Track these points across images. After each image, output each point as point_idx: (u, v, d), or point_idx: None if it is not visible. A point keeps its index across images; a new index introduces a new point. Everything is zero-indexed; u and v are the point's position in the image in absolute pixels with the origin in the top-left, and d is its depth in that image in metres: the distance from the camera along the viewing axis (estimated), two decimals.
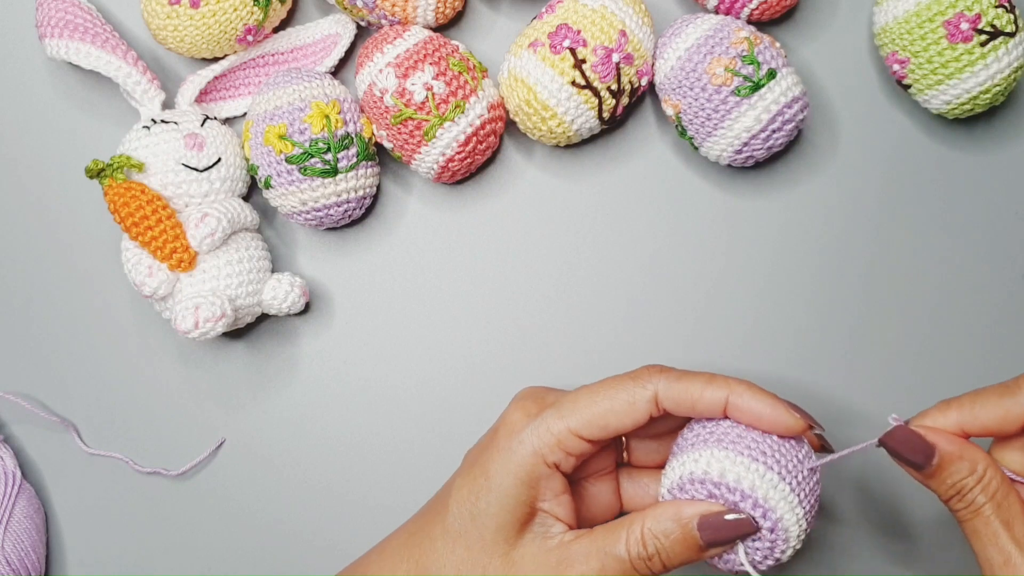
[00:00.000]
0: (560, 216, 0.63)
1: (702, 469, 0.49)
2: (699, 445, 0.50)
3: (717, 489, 0.49)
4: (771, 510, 0.48)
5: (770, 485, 0.48)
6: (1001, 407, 0.49)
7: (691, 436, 0.51)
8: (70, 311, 0.64)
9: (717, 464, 0.49)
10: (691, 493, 0.49)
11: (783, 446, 0.50)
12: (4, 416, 0.64)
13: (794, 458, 0.50)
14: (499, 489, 0.50)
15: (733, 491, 0.48)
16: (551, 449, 0.50)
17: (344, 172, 0.60)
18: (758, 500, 0.48)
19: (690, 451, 0.50)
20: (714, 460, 0.49)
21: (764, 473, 0.48)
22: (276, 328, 0.64)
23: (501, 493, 0.50)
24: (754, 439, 0.49)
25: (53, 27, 0.60)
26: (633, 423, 0.50)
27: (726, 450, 0.49)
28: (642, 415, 0.50)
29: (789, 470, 0.49)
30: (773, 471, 0.49)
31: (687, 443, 0.51)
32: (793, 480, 0.49)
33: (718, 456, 0.49)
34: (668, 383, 0.50)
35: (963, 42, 0.57)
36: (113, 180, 0.59)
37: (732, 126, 0.58)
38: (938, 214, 0.62)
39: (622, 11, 0.59)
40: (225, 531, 0.63)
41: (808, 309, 0.62)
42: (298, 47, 0.63)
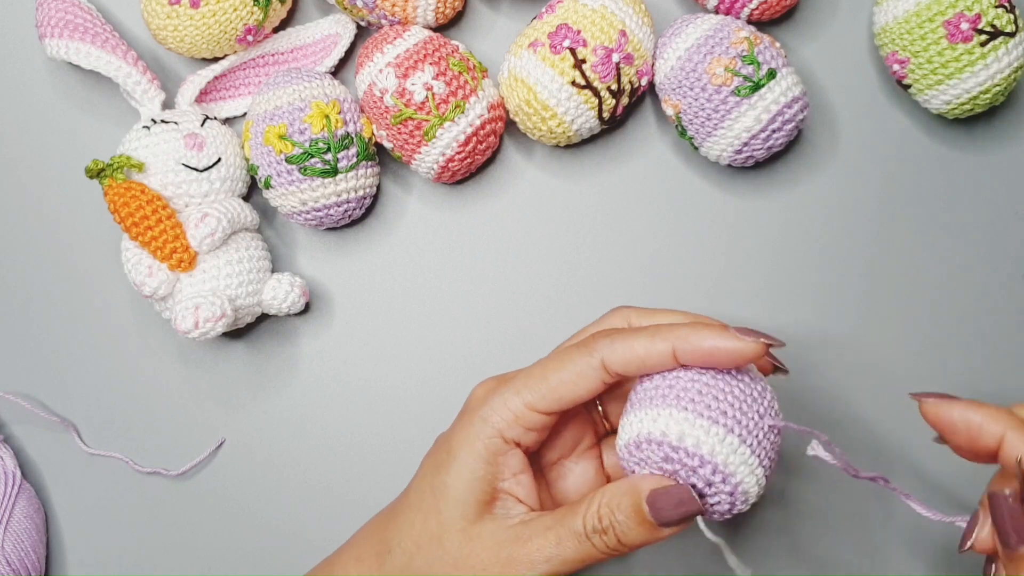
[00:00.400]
0: (560, 216, 0.63)
1: (660, 430, 0.47)
2: (657, 401, 0.48)
3: (675, 453, 0.47)
4: (731, 475, 0.47)
5: (730, 450, 0.47)
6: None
7: (649, 388, 0.49)
8: (70, 311, 0.64)
9: (676, 427, 0.47)
10: (647, 454, 0.48)
11: (744, 402, 0.48)
12: (4, 416, 0.64)
13: (755, 415, 0.48)
14: (459, 463, 0.50)
15: (691, 456, 0.47)
16: (508, 425, 0.50)
17: (344, 172, 0.60)
18: (717, 465, 0.47)
19: (647, 407, 0.48)
20: (672, 422, 0.47)
21: (724, 437, 0.47)
22: (276, 328, 0.64)
23: (461, 466, 0.50)
24: (714, 395, 0.48)
25: (53, 27, 0.60)
26: (588, 391, 0.50)
27: (684, 411, 0.47)
28: (594, 382, 0.50)
29: (750, 430, 0.47)
30: (733, 433, 0.47)
31: (644, 396, 0.49)
32: (753, 440, 0.47)
33: (676, 418, 0.47)
34: (613, 346, 0.49)
35: (963, 42, 0.57)
36: (113, 180, 0.59)
37: (732, 126, 0.58)
38: (938, 214, 0.62)
39: (622, 11, 0.59)
40: (225, 531, 0.63)
41: (808, 309, 0.62)
42: (298, 47, 0.63)
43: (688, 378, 0.48)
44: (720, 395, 0.48)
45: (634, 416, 0.49)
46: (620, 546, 0.48)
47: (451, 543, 0.50)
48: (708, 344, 0.48)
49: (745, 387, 0.49)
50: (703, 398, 0.48)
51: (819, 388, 0.62)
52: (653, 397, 0.49)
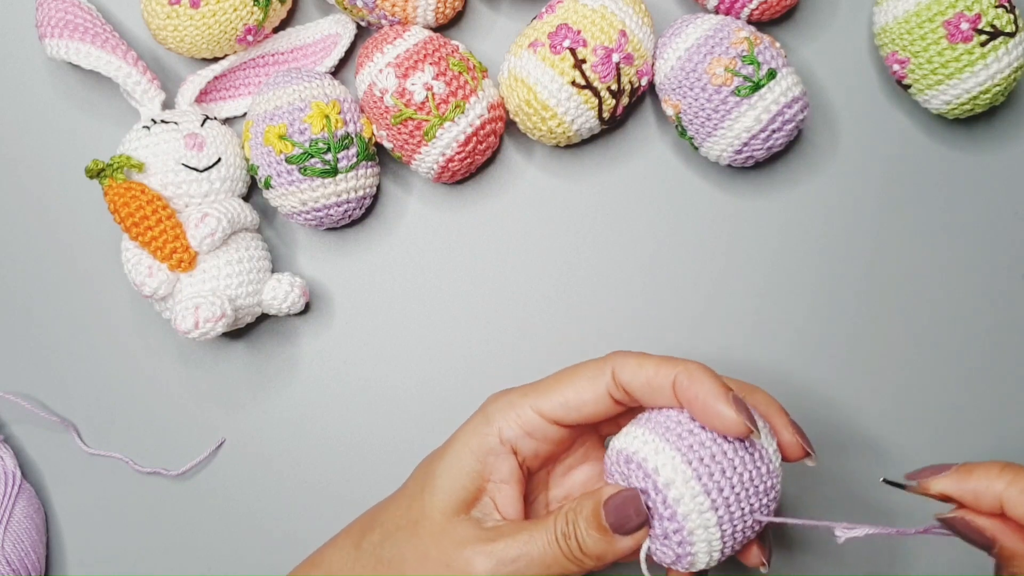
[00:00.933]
0: (560, 216, 0.63)
1: (655, 465, 0.47)
2: (669, 433, 0.48)
3: (655, 493, 0.47)
4: (690, 544, 0.46)
5: (704, 526, 0.46)
6: None
7: (669, 413, 0.49)
8: (70, 311, 0.64)
9: (670, 473, 0.46)
10: (632, 475, 0.48)
11: (747, 488, 0.47)
12: (4, 416, 0.64)
13: (748, 506, 0.47)
14: (452, 454, 0.51)
15: (667, 507, 0.46)
16: (508, 424, 0.50)
17: (344, 172, 0.60)
18: (683, 530, 0.46)
19: (657, 433, 0.48)
20: (671, 467, 0.47)
21: (705, 511, 0.46)
22: (276, 328, 0.64)
23: (452, 457, 0.51)
24: (721, 467, 0.47)
25: (53, 27, 0.60)
26: (594, 402, 0.50)
27: (688, 465, 0.46)
28: (602, 394, 0.49)
29: (733, 519, 0.47)
30: (716, 514, 0.46)
31: (660, 419, 0.49)
32: (731, 528, 0.47)
33: (678, 467, 0.47)
34: (625, 359, 0.49)
35: (963, 42, 0.57)
36: (113, 180, 0.59)
37: (732, 126, 0.58)
38: (938, 214, 0.62)
39: (622, 11, 0.59)
40: (225, 531, 0.63)
41: (808, 309, 0.62)
42: (298, 47, 0.63)
43: (709, 432, 0.48)
44: (729, 470, 0.47)
45: (639, 431, 0.49)
46: (582, 555, 0.48)
47: (425, 532, 0.50)
48: (699, 392, 0.47)
49: (757, 473, 0.48)
50: (713, 462, 0.47)
51: (819, 388, 0.62)
52: (667, 427, 0.48)
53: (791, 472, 0.61)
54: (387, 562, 0.51)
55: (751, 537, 0.48)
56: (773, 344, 0.62)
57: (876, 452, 0.61)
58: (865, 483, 0.61)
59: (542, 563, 0.48)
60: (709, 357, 0.61)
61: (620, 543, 0.48)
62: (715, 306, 0.62)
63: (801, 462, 0.50)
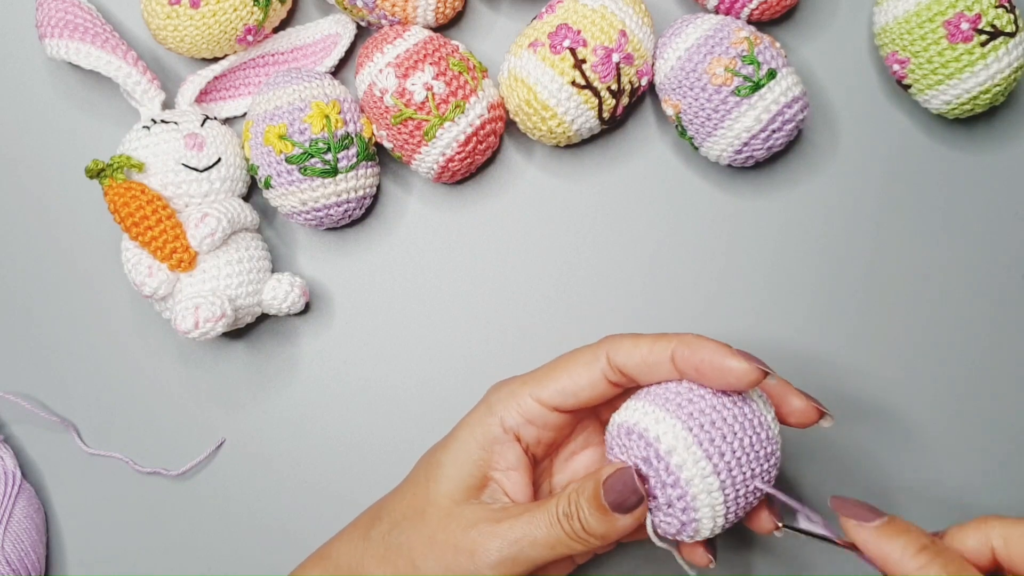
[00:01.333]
0: (560, 216, 0.63)
1: (656, 434, 0.47)
2: (668, 403, 0.48)
3: (657, 461, 0.47)
4: (694, 510, 0.47)
5: (707, 490, 0.47)
6: None
7: (669, 386, 0.49)
8: (70, 311, 0.64)
9: (671, 440, 0.47)
10: (633, 446, 0.48)
11: (747, 454, 0.48)
12: (4, 416, 0.64)
13: (749, 470, 0.48)
14: (455, 443, 0.52)
15: (669, 473, 0.47)
16: (510, 413, 0.51)
17: (344, 172, 0.60)
18: (687, 495, 0.47)
19: (655, 403, 0.49)
20: (671, 433, 0.47)
21: (708, 476, 0.47)
22: (276, 328, 0.64)
23: (457, 447, 0.52)
24: (722, 433, 0.47)
25: (53, 27, 0.60)
26: (591, 386, 0.51)
27: (688, 431, 0.47)
28: (598, 377, 0.50)
29: (735, 484, 0.47)
30: (718, 478, 0.47)
31: (658, 393, 0.49)
32: (734, 493, 0.47)
33: (678, 433, 0.47)
34: (619, 342, 0.50)
35: (963, 42, 0.57)
36: (113, 180, 0.59)
37: (732, 126, 0.58)
38: (938, 214, 0.62)
39: (622, 11, 0.59)
40: (225, 531, 0.63)
41: (808, 309, 0.62)
42: (298, 47, 0.63)
43: (708, 400, 0.48)
44: (729, 435, 0.48)
45: (639, 404, 0.49)
46: (585, 535, 0.49)
47: (432, 518, 0.51)
48: (707, 354, 0.48)
49: (757, 439, 0.48)
50: (713, 428, 0.48)
51: (818, 388, 0.61)
52: (667, 398, 0.49)
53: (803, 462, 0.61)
54: (395, 548, 0.51)
55: (753, 504, 0.49)
56: (773, 344, 0.62)
57: (876, 455, 0.61)
58: (860, 491, 0.61)
59: (546, 543, 0.49)
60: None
61: (620, 521, 0.48)
62: (715, 306, 0.62)
63: (817, 426, 0.51)
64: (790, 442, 0.62)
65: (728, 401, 0.48)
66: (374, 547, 0.52)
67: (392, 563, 0.51)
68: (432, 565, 0.50)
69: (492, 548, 0.49)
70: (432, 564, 0.50)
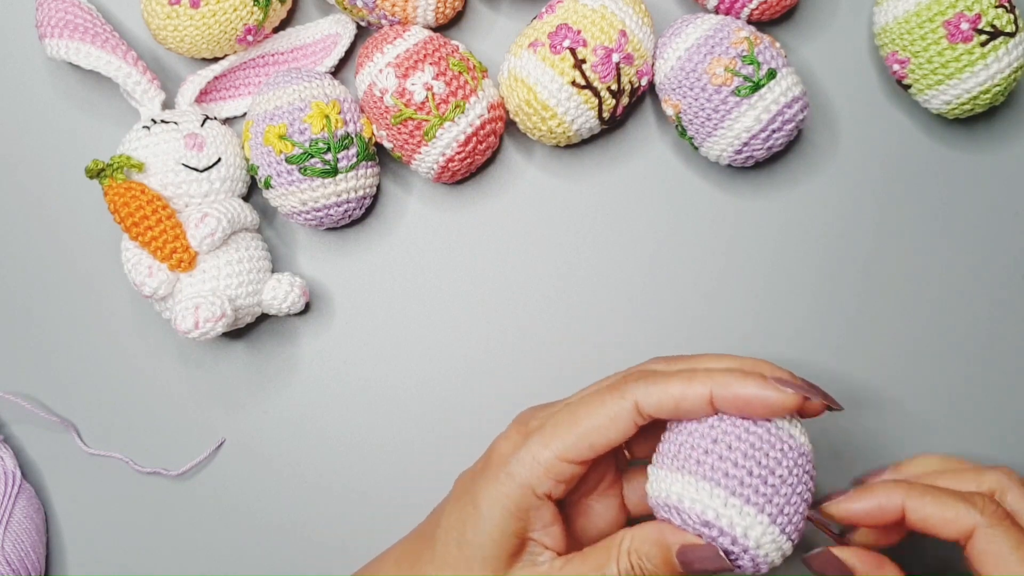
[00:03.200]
0: (560, 216, 0.63)
1: (688, 501, 0.48)
2: (687, 464, 0.48)
3: (704, 528, 0.47)
4: (750, 546, 0.47)
5: (749, 522, 0.47)
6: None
7: (679, 441, 0.49)
8: (70, 311, 0.64)
9: (699, 500, 0.47)
10: (667, 516, 0.48)
11: (774, 470, 0.47)
12: (4, 416, 0.64)
13: (782, 481, 0.48)
14: (488, 520, 0.49)
15: (711, 527, 0.47)
16: (540, 480, 0.49)
17: (344, 172, 0.60)
18: (737, 538, 0.47)
19: (675, 469, 0.48)
20: (695, 494, 0.47)
21: (742, 508, 0.47)
22: (276, 328, 0.64)
23: (490, 525, 0.49)
24: (746, 464, 0.47)
25: (53, 27, 0.60)
26: (620, 436, 0.49)
27: (708, 481, 0.47)
28: (627, 427, 0.48)
29: (772, 499, 0.47)
30: (753, 505, 0.47)
31: (674, 452, 0.49)
32: (775, 510, 0.47)
33: (701, 489, 0.47)
34: (647, 389, 0.48)
35: (963, 42, 0.57)
36: (113, 180, 0.59)
37: (732, 126, 0.58)
38: (938, 214, 0.62)
39: (622, 11, 0.59)
40: (225, 531, 0.63)
41: (808, 309, 0.62)
42: (298, 47, 0.63)
43: (721, 432, 0.48)
44: (771, 477, 0.47)
45: (663, 475, 0.49)
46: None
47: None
48: (747, 392, 0.47)
49: (780, 452, 0.48)
50: (734, 463, 0.47)
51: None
52: (683, 457, 0.48)
53: None
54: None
55: (805, 508, 0.49)
56: (773, 344, 0.62)
57: (876, 453, 0.61)
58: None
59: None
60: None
61: None
62: (715, 306, 0.62)
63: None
64: None
65: (762, 432, 0.48)
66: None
67: None
68: None
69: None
70: None
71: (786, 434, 0.48)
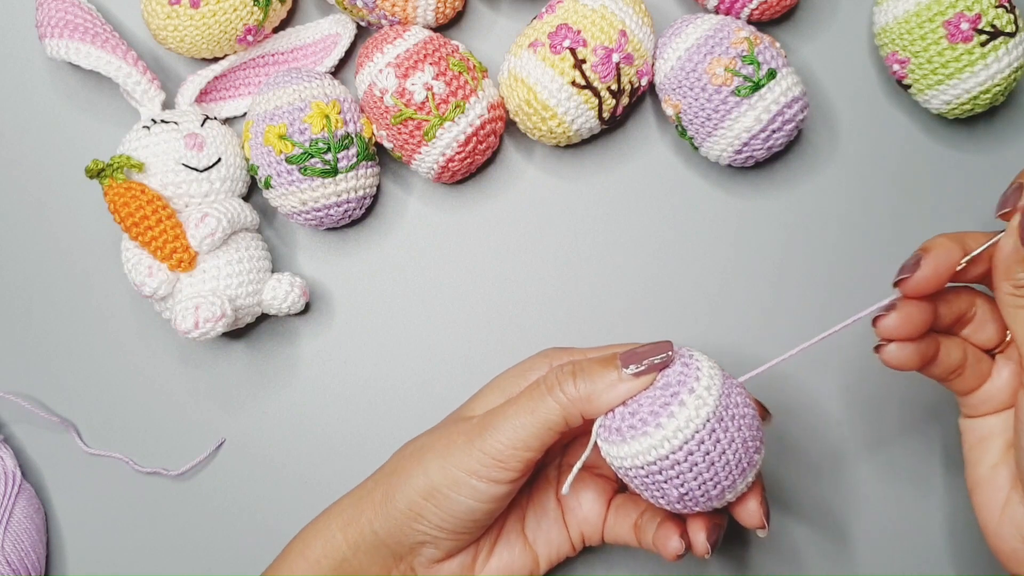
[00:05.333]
0: (560, 216, 0.63)
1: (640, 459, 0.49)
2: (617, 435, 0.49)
3: (663, 460, 0.48)
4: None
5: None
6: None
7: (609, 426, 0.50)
8: (70, 311, 0.64)
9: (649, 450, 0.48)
10: (646, 478, 0.49)
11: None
12: (4, 416, 0.64)
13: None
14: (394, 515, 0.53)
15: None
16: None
17: (344, 172, 0.60)
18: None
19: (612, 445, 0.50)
20: (641, 449, 0.49)
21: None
22: (276, 328, 0.64)
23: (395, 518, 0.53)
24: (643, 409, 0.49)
25: (53, 27, 0.60)
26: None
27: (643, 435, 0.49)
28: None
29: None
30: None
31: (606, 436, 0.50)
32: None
33: (642, 444, 0.49)
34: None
35: (963, 42, 0.57)
36: (113, 180, 0.59)
37: (732, 126, 0.58)
38: (938, 214, 0.62)
39: (622, 11, 0.59)
40: (225, 531, 0.63)
41: (808, 309, 0.62)
42: (298, 47, 0.63)
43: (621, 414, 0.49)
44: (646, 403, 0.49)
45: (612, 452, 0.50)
46: (575, 392, 0.49)
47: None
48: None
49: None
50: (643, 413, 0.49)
51: (818, 387, 0.62)
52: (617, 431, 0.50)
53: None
54: None
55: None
56: (773, 344, 0.62)
57: (877, 449, 0.61)
58: (859, 484, 0.61)
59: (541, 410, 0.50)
60: (709, 356, 0.61)
61: (627, 385, 0.49)
62: (715, 306, 0.62)
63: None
64: (793, 437, 0.62)
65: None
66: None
67: None
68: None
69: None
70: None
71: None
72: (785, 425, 0.61)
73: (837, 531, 0.61)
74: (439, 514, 0.51)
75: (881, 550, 0.61)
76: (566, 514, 0.55)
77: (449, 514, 0.51)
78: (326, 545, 0.53)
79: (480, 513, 0.51)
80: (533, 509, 0.56)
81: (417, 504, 0.51)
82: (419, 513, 0.51)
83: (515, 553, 0.55)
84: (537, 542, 0.55)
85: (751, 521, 0.51)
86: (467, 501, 0.50)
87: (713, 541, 0.51)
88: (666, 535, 0.52)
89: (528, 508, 0.56)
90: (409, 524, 0.51)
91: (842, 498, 0.61)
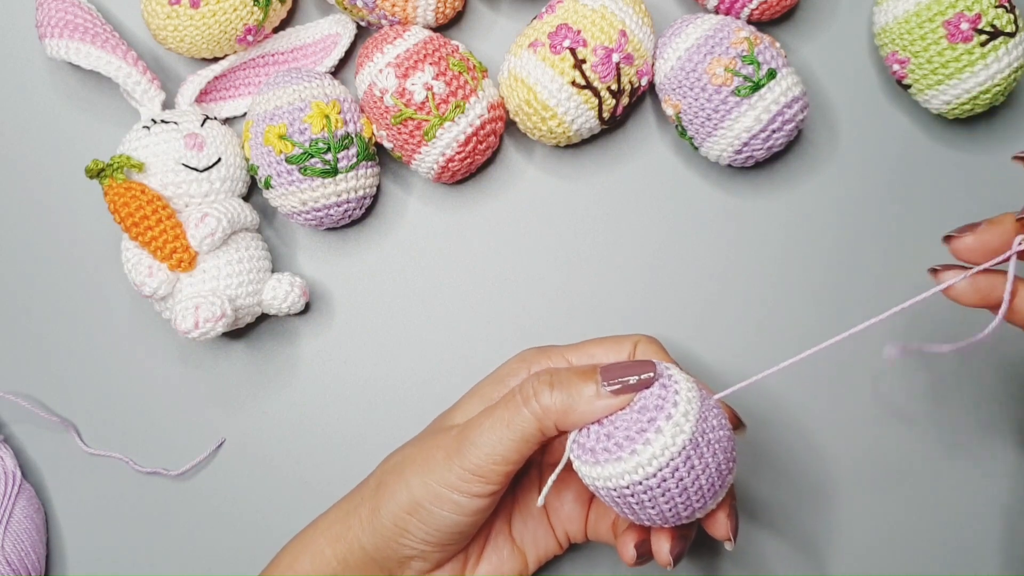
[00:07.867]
0: (560, 216, 0.63)
1: (615, 483, 0.48)
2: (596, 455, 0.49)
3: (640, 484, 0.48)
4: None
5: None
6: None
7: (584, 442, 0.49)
8: (70, 311, 0.64)
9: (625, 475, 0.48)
10: (618, 498, 0.49)
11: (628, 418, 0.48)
12: (4, 416, 0.64)
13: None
14: (380, 526, 0.52)
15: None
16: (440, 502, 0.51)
17: (344, 172, 0.60)
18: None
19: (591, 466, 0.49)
20: (616, 473, 0.48)
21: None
22: (276, 328, 0.64)
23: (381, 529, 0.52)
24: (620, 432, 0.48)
25: (53, 27, 0.60)
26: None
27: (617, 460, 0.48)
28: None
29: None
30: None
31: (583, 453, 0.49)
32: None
33: (617, 469, 0.48)
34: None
35: (963, 42, 0.57)
36: (113, 180, 0.59)
37: (732, 126, 0.58)
38: (938, 214, 0.62)
39: (622, 11, 0.59)
40: (225, 531, 0.63)
41: (808, 309, 0.62)
42: (298, 47, 0.63)
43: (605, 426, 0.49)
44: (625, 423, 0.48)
45: (589, 473, 0.49)
46: (550, 396, 0.49)
47: None
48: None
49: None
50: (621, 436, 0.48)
51: (817, 387, 0.62)
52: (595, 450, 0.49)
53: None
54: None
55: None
56: (773, 344, 0.62)
57: (877, 448, 0.61)
58: (858, 483, 0.61)
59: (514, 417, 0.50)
60: (707, 357, 0.62)
61: (604, 401, 0.48)
62: (715, 306, 0.62)
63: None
64: (792, 438, 0.62)
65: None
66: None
67: None
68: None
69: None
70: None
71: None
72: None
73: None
74: (424, 528, 0.51)
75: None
76: (550, 514, 0.56)
77: (434, 528, 0.51)
78: (314, 561, 0.53)
79: (464, 525, 0.51)
80: (519, 511, 0.56)
81: (402, 519, 0.51)
82: (405, 528, 0.51)
83: (504, 556, 0.55)
84: (525, 543, 0.55)
85: (719, 533, 0.51)
86: (450, 516, 0.50)
87: (676, 554, 0.51)
88: (624, 543, 0.52)
89: (514, 510, 0.56)
90: (396, 539, 0.51)
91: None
